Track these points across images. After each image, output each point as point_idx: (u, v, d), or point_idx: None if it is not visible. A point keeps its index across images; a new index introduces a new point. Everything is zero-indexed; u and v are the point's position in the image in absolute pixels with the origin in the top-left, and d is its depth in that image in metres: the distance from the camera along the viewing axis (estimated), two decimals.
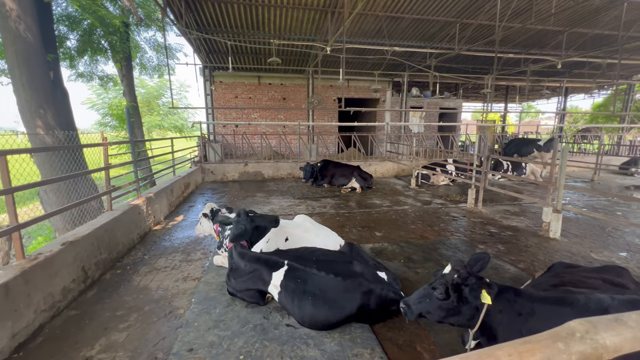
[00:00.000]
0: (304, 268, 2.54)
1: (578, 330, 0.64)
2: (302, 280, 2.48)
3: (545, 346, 0.61)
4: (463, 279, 1.85)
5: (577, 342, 0.62)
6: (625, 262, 3.92)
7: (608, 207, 6.72)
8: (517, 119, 30.42)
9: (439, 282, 1.89)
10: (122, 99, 17.70)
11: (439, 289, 1.87)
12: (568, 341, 0.62)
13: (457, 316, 1.88)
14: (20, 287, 2.42)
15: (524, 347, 0.61)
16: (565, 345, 0.62)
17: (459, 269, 1.89)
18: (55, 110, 5.14)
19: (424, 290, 1.96)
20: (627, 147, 14.74)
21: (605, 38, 10.31)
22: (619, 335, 0.62)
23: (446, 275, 1.91)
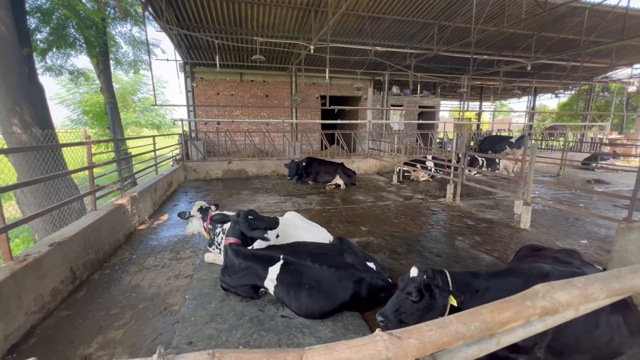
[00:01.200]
0: (299, 261, 2.68)
1: (540, 291, 0.83)
2: (298, 273, 2.62)
3: (517, 304, 0.79)
4: (431, 278, 2.02)
5: (539, 299, 0.80)
6: (585, 249, 4.34)
7: (572, 199, 7.30)
8: (491, 117, 31.84)
9: (412, 287, 2.01)
10: (93, 94, 16.92)
11: (413, 292, 2.00)
12: (533, 299, 0.80)
13: (432, 311, 2.05)
14: (11, 289, 2.39)
15: (502, 305, 0.78)
16: (531, 302, 0.80)
17: (425, 270, 2.04)
18: (32, 107, 4.91)
19: (397, 299, 2.07)
20: (589, 143, 15.88)
21: (570, 42, 11.06)
22: (570, 293, 0.81)
23: (416, 279, 2.04)
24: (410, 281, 2.03)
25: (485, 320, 0.74)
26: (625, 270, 0.91)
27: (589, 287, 0.83)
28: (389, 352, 0.63)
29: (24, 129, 4.73)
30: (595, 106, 19.64)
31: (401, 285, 2.09)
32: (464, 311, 0.77)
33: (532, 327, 0.96)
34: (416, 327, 0.72)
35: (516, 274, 2.06)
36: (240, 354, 0.62)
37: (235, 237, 2.93)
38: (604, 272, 0.90)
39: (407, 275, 2.08)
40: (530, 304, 0.79)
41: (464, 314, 0.76)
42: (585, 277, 0.85)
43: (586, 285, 0.83)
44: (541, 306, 0.79)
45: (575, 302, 0.81)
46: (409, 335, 0.68)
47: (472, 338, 0.74)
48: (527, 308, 0.79)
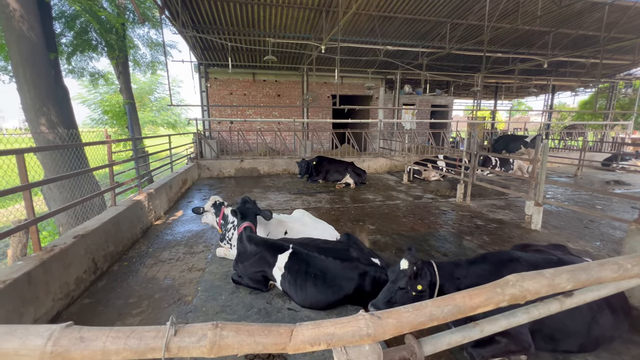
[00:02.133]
0: (307, 252, 2.80)
1: (511, 280, 0.89)
2: (305, 263, 2.74)
3: (488, 291, 0.86)
4: (420, 269, 2.10)
5: (509, 287, 0.87)
6: (598, 251, 4.27)
7: (588, 200, 7.11)
8: (507, 115, 31.06)
9: (404, 281, 2.09)
10: (112, 94, 17.57)
11: (405, 286, 2.08)
12: (504, 287, 0.87)
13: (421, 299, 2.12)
14: (40, 277, 2.60)
15: (474, 292, 0.86)
16: (501, 289, 0.87)
17: (414, 262, 2.11)
18: (58, 108, 5.22)
19: (389, 290, 2.15)
20: (610, 143, 15.33)
21: (589, 38, 10.71)
22: (538, 282, 0.87)
23: (406, 271, 2.11)
24: (400, 274, 2.10)
25: (458, 304, 0.82)
26: (594, 263, 0.97)
27: (556, 278, 0.89)
28: (369, 329, 0.72)
29: (51, 129, 5.05)
30: (617, 104, 18.89)
31: (391, 276, 2.17)
32: (440, 297, 0.85)
33: (515, 318, 1.03)
34: (395, 309, 0.80)
35: (489, 261, 2.21)
36: (239, 326, 0.72)
37: (250, 220, 3.18)
38: (573, 264, 0.95)
39: (397, 268, 2.15)
40: (500, 291, 0.86)
41: (438, 299, 0.84)
42: (555, 269, 0.91)
43: (554, 275, 0.89)
44: (510, 293, 0.86)
45: (543, 291, 0.87)
46: (388, 315, 0.76)
47: (445, 320, 0.81)
48: (497, 295, 0.86)
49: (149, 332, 0.65)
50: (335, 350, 0.74)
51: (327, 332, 0.72)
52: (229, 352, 0.67)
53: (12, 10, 4.45)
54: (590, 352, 2.24)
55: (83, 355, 0.62)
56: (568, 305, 1.08)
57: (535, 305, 1.03)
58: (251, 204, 3.45)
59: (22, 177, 2.66)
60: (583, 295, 1.10)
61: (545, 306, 1.04)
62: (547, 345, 2.13)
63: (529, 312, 1.04)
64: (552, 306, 1.05)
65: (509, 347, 1.97)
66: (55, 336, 0.63)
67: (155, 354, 0.63)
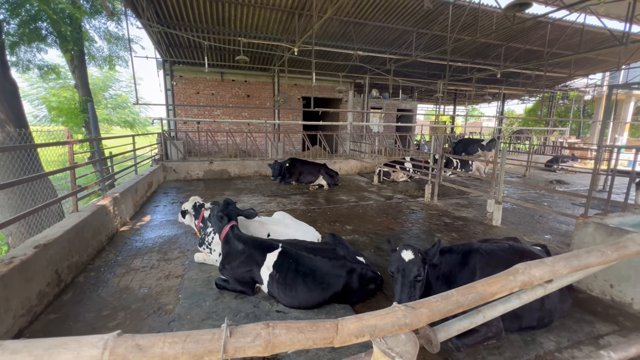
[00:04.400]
0: (296, 251, 2.82)
1: (520, 268, 1.03)
2: (294, 261, 2.76)
3: (502, 279, 0.99)
4: (424, 256, 2.21)
5: (520, 275, 1.01)
6: (548, 243, 4.78)
7: (537, 198, 7.92)
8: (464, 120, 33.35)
9: (416, 269, 2.09)
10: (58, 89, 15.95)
11: (421, 274, 2.10)
12: (515, 275, 1.00)
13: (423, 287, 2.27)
14: (0, 292, 2.34)
15: (491, 280, 0.98)
16: (514, 277, 1.00)
17: (417, 252, 2.17)
18: (6, 104, 4.65)
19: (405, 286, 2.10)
20: (551, 147, 17.15)
21: (535, 52, 11.94)
22: (542, 269, 1.02)
23: (414, 260, 2.13)
24: (410, 264, 2.07)
25: (479, 292, 0.92)
26: (582, 251, 1.14)
27: (555, 265, 1.04)
28: (407, 319, 0.78)
29: None
30: (556, 112, 21.20)
31: (397, 270, 2.13)
32: (462, 286, 0.95)
33: (510, 303, 1.16)
34: (425, 300, 0.88)
35: (454, 250, 2.51)
36: (289, 324, 0.74)
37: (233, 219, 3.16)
38: (567, 252, 1.12)
39: (401, 262, 2.11)
40: (513, 278, 0.99)
41: (461, 288, 0.94)
42: (553, 257, 1.08)
43: (554, 263, 1.04)
44: (521, 280, 0.99)
45: (546, 276, 1.02)
46: (420, 305, 0.84)
47: (470, 306, 0.91)
48: (510, 282, 0.98)
49: (204, 335, 0.65)
50: (375, 341, 0.79)
51: (369, 324, 0.77)
52: (282, 349, 0.69)
53: None
54: (549, 329, 2.54)
55: None
56: (549, 290, 1.24)
57: (525, 291, 1.18)
58: (233, 205, 3.40)
59: None
60: (560, 280, 1.29)
61: (532, 291, 1.20)
62: (513, 324, 2.38)
63: (520, 297, 1.18)
64: (537, 291, 1.21)
65: (487, 334, 2.17)
66: (110, 345, 0.60)
67: (212, 357, 0.63)
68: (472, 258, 2.42)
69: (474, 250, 2.47)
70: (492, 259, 2.38)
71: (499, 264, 2.26)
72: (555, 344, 2.43)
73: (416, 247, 2.29)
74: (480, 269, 2.30)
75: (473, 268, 2.34)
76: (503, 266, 2.25)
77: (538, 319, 2.41)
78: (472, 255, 2.43)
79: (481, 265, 2.33)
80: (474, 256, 2.43)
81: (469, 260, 2.42)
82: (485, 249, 2.49)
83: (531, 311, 2.34)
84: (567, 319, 2.72)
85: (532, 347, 2.40)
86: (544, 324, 2.47)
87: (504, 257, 2.40)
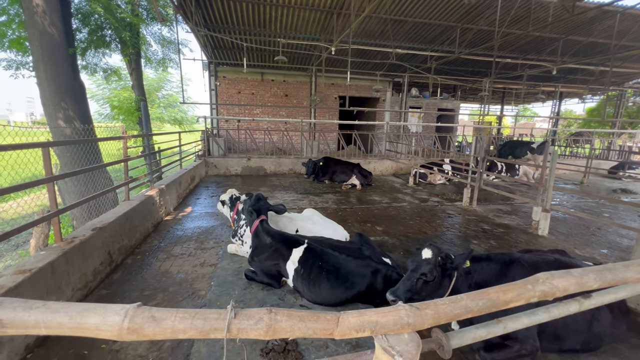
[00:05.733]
0: (321, 247, 2.86)
1: (541, 277, 0.95)
2: (319, 258, 2.80)
3: (520, 287, 0.92)
4: (444, 259, 2.16)
5: (539, 284, 0.93)
6: (605, 258, 4.28)
7: (595, 208, 7.11)
8: (512, 121, 30.94)
9: (427, 268, 2.11)
10: (120, 89, 17.74)
11: (427, 273, 2.10)
12: (534, 284, 0.93)
13: (439, 290, 2.19)
14: (62, 267, 2.68)
15: (507, 287, 0.92)
16: (532, 286, 0.93)
17: (438, 252, 2.16)
18: (75, 103, 5.34)
19: (409, 280, 2.16)
20: (617, 151, 15.24)
21: (599, 46, 10.69)
22: (567, 281, 0.93)
23: (430, 260, 2.14)
24: (423, 262, 2.12)
25: (492, 298, 0.87)
26: (619, 264, 1.02)
27: (584, 277, 0.94)
28: (409, 319, 0.77)
29: (68, 123, 5.16)
30: (625, 112, 18.79)
31: (411, 266, 2.20)
32: (474, 291, 0.91)
33: (536, 316, 1.08)
34: (432, 302, 0.86)
35: (493, 259, 2.35)
36: (291, 312, 0.78)
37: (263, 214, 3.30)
38: (600, 265, 1.00)
39: (418, 258, 2.17)
40: (531, 287, 0.92)
41: (472, 293, 0.90)
42: (582, 269, 0.97)
43: (582, 275, 0.94)
44: (540, 290, 0.91)
45: (571, 289, 0.93)
46: (426, 307, 0.82)
47: (480, 313, 0.87)
48: (528, 291, 0.91)
49: (211, 314, 0.71)
50: (377, 337, 0.79)
51: (370, 320, 0.77)
52: (282, 335, 0.73)
53: (35, 5, 4.57)
54: (596, 353, 2.29)
55: (155, 332, 0.68)
56: (586, 307, 1.13)
57: (555, 305, 1.08)
58: (264, 200, 3.53)
59: (47, 170, 2.74)
60: (601, 297, 1.15)
61: (564, 306, 1.10)
62: (552, 345, 2.18)
63: (549, 311, 1.09)
64: (571, 307, 1.10)
65: (520, 352, 2.02)
66: (130, 314, 0.69)
67: (217, 334, 0.69)
68: (512, 269, 2.23)
69: (515, 261, 2.29)
70: (534, 272, 2.17)
71: None
72: None
73: (443, 250, 2.21)
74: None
75: (512, 280, 2.15)
76: None
77: (583, 343, 2.17)
78: (512, 266, 2.25)
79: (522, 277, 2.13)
80: (515, 267, 2.24)
81: (508, 271, 2.24)
82: (528, 260, 2.29)
83: (575, 333, 2.12)
84: (620, 343, 2.43)
85: None
86: (589, 349, 2.23)
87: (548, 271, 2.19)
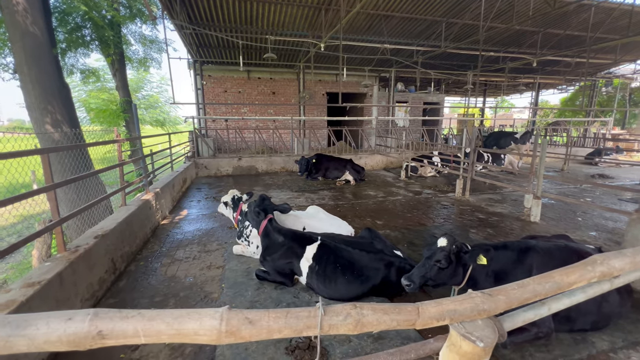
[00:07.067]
0: (334, 244, 2.88)
1: (598, 259, 1.02)
2: (333, 254, 2.82)
3: (580, 269, 0.98)
4: (459, 248, 2.27)
5: (598, 265, 0.99)
6: (594, 240, 4.53)
7: (577, 193, 7.47)
8: (492, 112, 31.89)
9: (442, 255, 2.23)
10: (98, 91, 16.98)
11: (442, 260, 2.22)
12: (593, 265, 0.99)
13: (454, 278, 2.32)
14: (70, 277, 2.58)
15: (568, 270, 0.97)
16: (592, 267, 0.99)
17: (454, 241, 2.28)
18: (63, 106, 5.07)
19: (424, 266, 2.29)
20: (592, 139, 16.03)
21: (575, 38, 11.16)
22: (622, 261, 1.00)
23: (445, 247, 2.26)
24: (439, 250, 2.23)
25: (557, 281, 0.92)
26: None
27: (637, 256, 1.01)
28: (485, 305, 0.81)
29: (55, 128, 4.90)
30: (597, 102, 19.75)
31: (427, 254, 2.31)
32: (538, 275, 0.96)
33: (575, 296, 1.14)
34: (502, 288, 0.90)
35: (509, 247, 2.44)
36: (374, 306, 0.80)
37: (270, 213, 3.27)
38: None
39: (434, 246, 2.29)
40: (591, 268, 0.98)
41: (537, 277, 0.95)
42: (633, 249, 1.05)
43: (634, 254, 1.02)
44: (600, 270, 0.98)
45: (627, 268, 1.00)
46: (498, 292, 0.86)
47: (546, 295, 0.92)
48: (588, 272, 0.97)
49: (301, 312, 0.72)
50: (453, 325, 0.82)
51: (449, 308, 0.80)
52: (369, 328, 0.75)
53: (15, 3, 4.26)
54: (602, 330, 2.43)
55: (251, 334, 0.68)
56: (616, 285, 1.20)
57: (591, 284, 1.15)
58: (268, 200, 3.51)
59: (47, 178, 2.63)
60: (627, 275, 1.24)
61: (599, 285, 1.17)
62: (564, 326, 2.30)
63: (586, 291, 1.16)
64: (604, 286, 1.18)
65: (537, 334, 2.12)
66: (225, 318, 0.69)
67: (310, 332, 0.70)
68: (529, 256, 2.32)
69: (531, 248, 2.38)
70: (549, 259, 2.28)
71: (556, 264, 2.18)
72: (609, 344, 2.33)
73: (459, 241, 2.29)
74: (537, 268, 2.20)
75: (529, 267, 2.25)
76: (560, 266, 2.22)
77: (593, 323, 2.30)
78: (529, 254, 2.34)
79: (538, 264, 2.23)
80: (531, 254, 2.34)
81: (525, 258, 2.33)
82: (543, 247, 2.39)
83: (586, 314, 2.24)
84: (622, 320, 2.59)
85: (583, 346, 2.31)
86: (597, 328, 2.37)
87: (561, 257, 2.28)
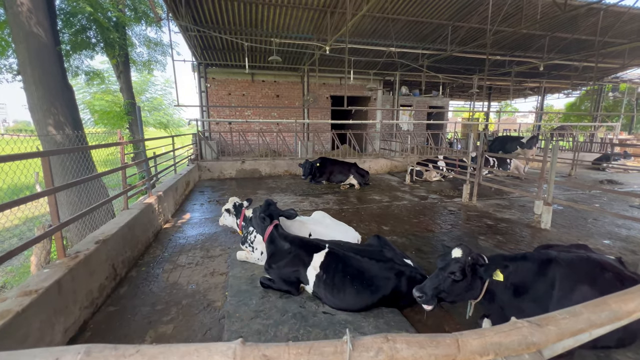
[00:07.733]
0: (343, 252, 2.77)
1: None
2: (342, 263, 2.71)
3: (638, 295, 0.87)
4: (475, 260, 2.14)
5: None
6: (609, 248, 4.38)
7: (586, 199, 7.31)
8: (496, 116, 31.70)
9: (456, 267, 2.12)
10: (102, 93, 17.01)
11: (457, 272, 2.11)
12: None
13: (470, 291, 2.19)
14: (69, 284, 2.49)
15: (625, 296, 0.87)
16: None
17: (469, 252, 2.16)
18: (66, 108, 5.02)
19: (437, 277, 2.18)
20: (599, 144, 15.82)
21: (583, 42, 11.04)
22: None
23: (460, 259, 2.14)
24: (453, 261, 2.12)
25: (614, 309, 0.82)
26: None
27: None
28: (534, 337, 0.71)
29: (58, 130, 4.85)
30: (603, 106, 19.55)
31: (440, 264, 2.19)
32: (590, 302, 0.85)
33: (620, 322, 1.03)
34: (550, 315, 0.80)
35: (529, 258, 2.32)
36: (408, 338, 0.70)
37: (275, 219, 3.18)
38: None
39: (448, 256, 2.17)
40: None
41: (589, 304, 0.84)
42: None
43: None
44: None
45: None
46: (546, 322, 0.76)
47: (602, 325, 0.82)
48: None
49: (326, 347, 0.62)
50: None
51: (492, 341, 0.70)
52: None
53: (19, 4, 4.23)
54: (627, 347, 2.30)
55: None
56: None
57: None
58: (274, 205, 3.41)
59: (48, 181, 2.55)
60: None
61: None
62: (587, 342, 2.17)
63: None
64: None
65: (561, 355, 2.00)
66: (239, 355, 0.59)
67: None
68: (551, 268, 2.20)
69: (552, 260, 2.26)
70: (572, 271, 2.15)
71: (580, 277, 2.06)
72: None
73: (474, 252, 2.18)
74: (559, 281, 2.09)
75: (552, 279, 2.13)
76: (584, 279, 2.10)
77: (617, 340, 2.17)
78: (551, 266, 2.22)
79: (561, 277, 2.11)
80: (553, 266, 2.22)
81: (547, 270, 2.21)
82: (565, 259, 2.28)
83: (611, 331, 2.12)
84: None
85: None
86: (622, 345, 2.23)
87: (584, 270, 2.16)
